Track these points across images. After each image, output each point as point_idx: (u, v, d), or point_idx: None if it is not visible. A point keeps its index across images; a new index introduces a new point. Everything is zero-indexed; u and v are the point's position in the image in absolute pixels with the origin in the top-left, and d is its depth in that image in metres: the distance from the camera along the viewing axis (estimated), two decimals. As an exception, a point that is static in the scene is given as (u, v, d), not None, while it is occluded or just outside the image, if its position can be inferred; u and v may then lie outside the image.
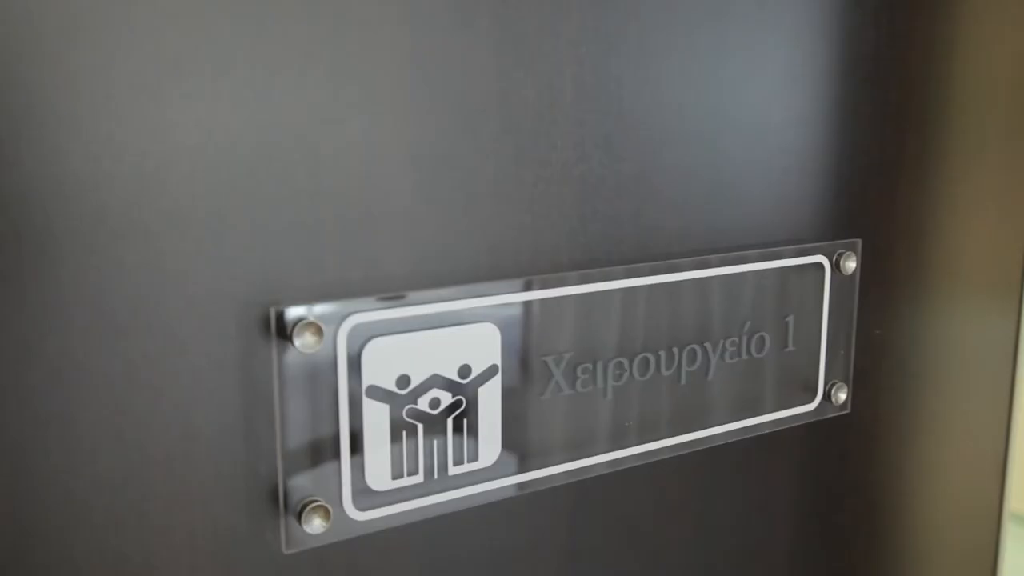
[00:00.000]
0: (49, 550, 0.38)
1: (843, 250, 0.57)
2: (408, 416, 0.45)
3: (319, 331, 0.41)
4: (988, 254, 0.63)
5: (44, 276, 0.35)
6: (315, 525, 0.42)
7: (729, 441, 0.55)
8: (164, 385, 0.39)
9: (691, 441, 0.54)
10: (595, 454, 0.51)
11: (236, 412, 0.41)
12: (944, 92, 0.58)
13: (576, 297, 0.49)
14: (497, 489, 0.48)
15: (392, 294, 0.44)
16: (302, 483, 0.42)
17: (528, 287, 0.47)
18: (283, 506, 0.42)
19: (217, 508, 0.41)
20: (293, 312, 0.41)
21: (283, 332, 0.41)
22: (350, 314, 0.42)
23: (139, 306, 0.37)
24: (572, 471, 0.50)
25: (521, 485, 0.49)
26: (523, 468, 0.49)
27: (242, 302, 0.40)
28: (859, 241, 0.57)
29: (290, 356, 0.41)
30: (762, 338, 0.55)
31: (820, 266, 0.57)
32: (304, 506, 0.42)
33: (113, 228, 0.36)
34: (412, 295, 0.44)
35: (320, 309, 0.42)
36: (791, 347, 0.57)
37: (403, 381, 0.44)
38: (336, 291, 0.43)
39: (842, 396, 0.58)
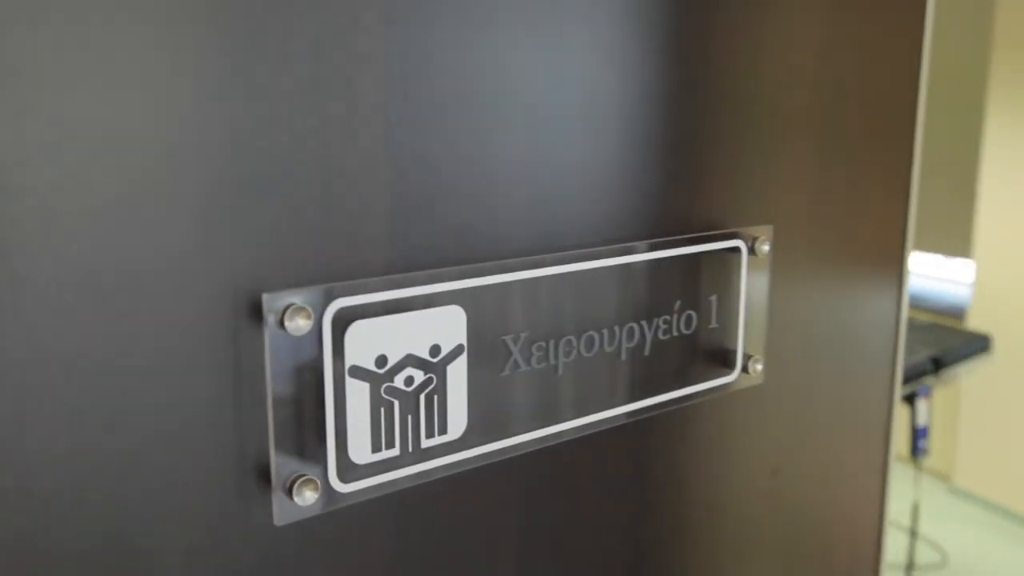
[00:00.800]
0: (49, 528, 0.38)
1: (757, 235, 0.63)
2: (385, 393, 0.48)
3: (308, 315, 0.43)
4: (874, 237, 0.72)
5: (43, 263, 0.37)
6: (305, 498, 0.44)
7: (664, 411, 0.60)
8: (160, 370, 0.40)
9: (632, 411, 0.59)
10: (548, 425, 0.55)
11: (228, 394, 0.43)
12: (835, 97, 0.66)
13: (530, 281, 0.53)
14: (465, 459, 0.51)
15: (371, 279, 0.46)
16: (292, 459, 0.44)
17: (488, 272, 0.51)
18: (275, 481, 0.44)
19: (212, 485, 0.43)
20: (284, 297, 0.43)
21: (274, 316, 0.43)
22: (335, 299, 0.45)
23: (136, 293, 0.39)
24: (529, 441, 0.54)
25: (485, 455, 0.52)
26: (486, 439, 0.52)
27: (233, 289, 0.42)
28: (771, 227, 0.63)
29: (281, 339, 0.43)
30: (690, 316, 0.61)
31: (738, 250, 0.62)
32: (294, 481, 0.44)
33: (114, 219, 0.38)
34: (389, 280, 0.47)
35: (308, 294, 0.44)
36: (715, 324, 0.62)
37: (381, 361, 0.47)
38: (320, 277, 0.45)
39: (758, 367, 0.64)
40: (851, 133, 0.67)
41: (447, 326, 0.49)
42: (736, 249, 0.62)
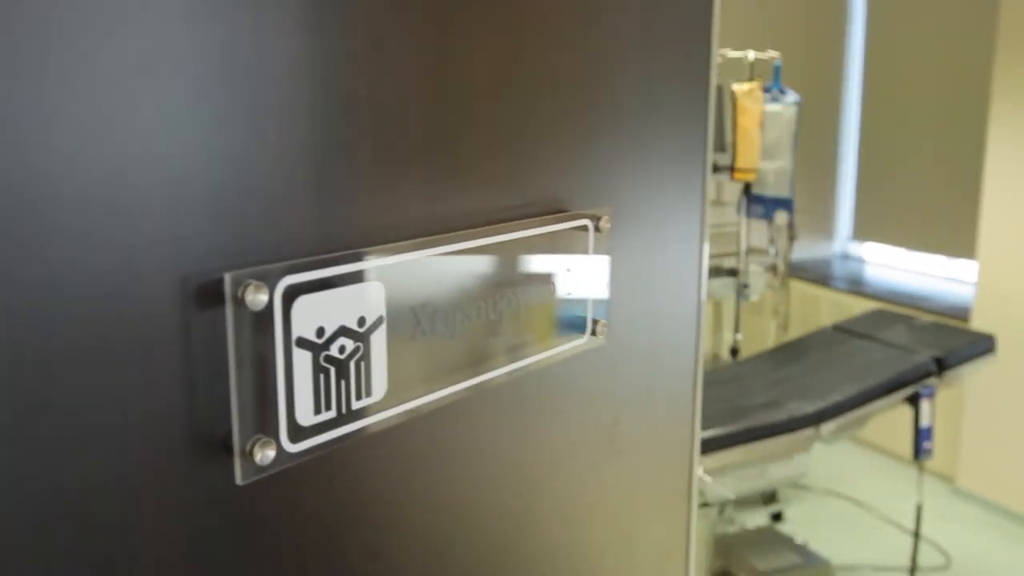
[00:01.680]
0: (24, 503, 0.43)
1: (600, 215, 0.73)
2: (324, 361, 0.53)
3: (264, 291, 0.49)
4: (680, 211, 0.84)
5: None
6: (264, 458, 0.50)
7: (536, 369, 0.70)
8: (128, 349, 0.45)
9: (511, 371, 0.68)
10: (449, 385, 0.63)
11: (187, 368, 0.47)
12: (643, 97, 0.78)
13: (431, 259, 0.60)
14: (387, 418, 0.58)
15: (313, 258, 0.52)
16: (250, 423, 0.50)
17: (401, 251, 0.58)
18: (237, 444, 0.49)
19: (179, 451, 0.48)
20: (244, 276, 0.48)
21: (236, 293, 0.48)
22: (283, 276, 0.50)
23: (103, 277, 0.44)
24: (435, 400, 0.62)
25: (403, 413, 0.59)
26: (403, 399, 0.59)
27: (195, 269, 0.47)
28: (611, 207, 0.74)
29: (241, 314, 0.49)
30: (552, 286, 0.71)
31: (586, 228, 0.72)
32: (254, 442, 0.50)
33: (85, 210, 0.43)
34: (326, 258, 0.53)
35: (262, 272, 0.49)
36: (570, 292, 0.72)
37: (320, 332, 0.53)
38: (270, 256, 0.50)
39: (603, 330, 0.75)
40: (660, 123, 0.79)
41: (370, 300, 0.56)
42: (584, 227, 0.72)
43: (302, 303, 0.52)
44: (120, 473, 0.45)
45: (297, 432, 0.52)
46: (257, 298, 0.48)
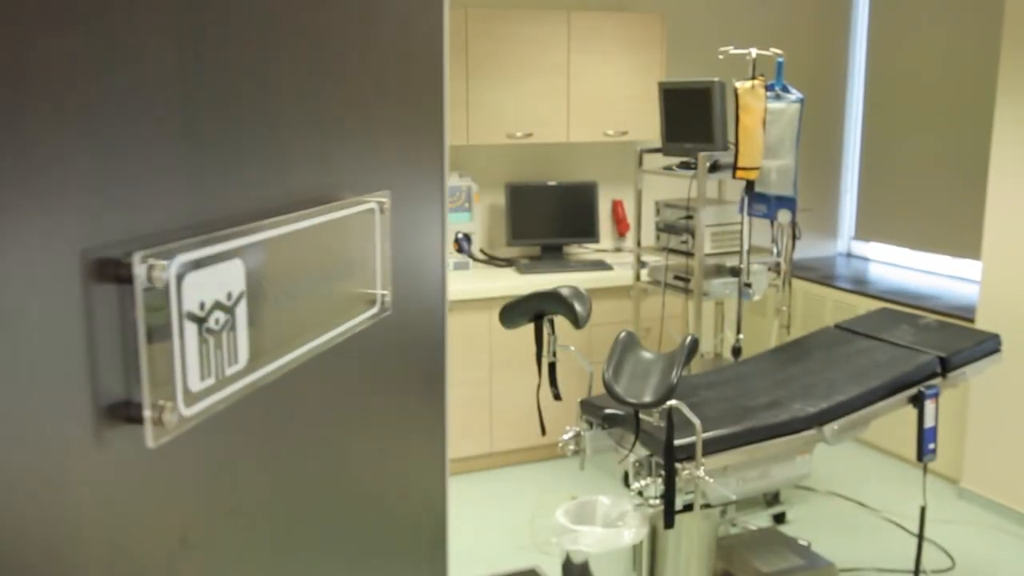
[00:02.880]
0: None
1: (383, 199, 0.86)
2: (206, 333, 0.60)
3: (166, 269, 0.54)
4: (429, 192, 1.00)
5: None
6: (169, 422, 0.56)
7: (346, 337, 0.82)
8: (40, 331, 0.47)
9: (334, 336, 0.79)
10: (294, 350, 0.73)
11: (92, 345, 0.51)
12: (406, 101, 0.92)
13: (273, 239, 0.68)
14: (251, 382, 0.66)
15: (198, 238, 0.58)
16: (157, 392, 0.55)
17: (253, 231, 0.66)
18: (148, 413, 0.54)
19: (96, 422, 0.51)
20: (150, 254, 0.53)
21: (144, 272, 0.53)
22: (176, 255, 0.56)
23: (7, 262, 0.46)
24: (285, 363, 0.71)
25: (262, 376, 0.68)
26: (260, 365, 0.68)
27: (98, 251, 0.51)
28: (389, 191, 0.89)
29: (146, 292, 0.54)
30: (352, 261, 0.80)
31: (372, 210, 0.83)
32: (161, 409, 0.55)
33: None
34: (207, 238, 0.59)
35: (164, 251, 0.55)
36: (364, 267, 0.82)
37: (202, 306, 0.59)
38: (161, 239, 0.55)
39: (388, 300, 0.88)
40: (413, 119, 0.94)
41: (234, 276, 0.63)
42: (372, 210, 0.83)
43: (190, 280, 0.58)
44: (36, 446, 0.48)
45: (190, 398, 0.59)
46: (162, 275, 0.53)
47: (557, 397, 2.49)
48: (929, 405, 2.63)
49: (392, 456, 0.97)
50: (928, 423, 2.64)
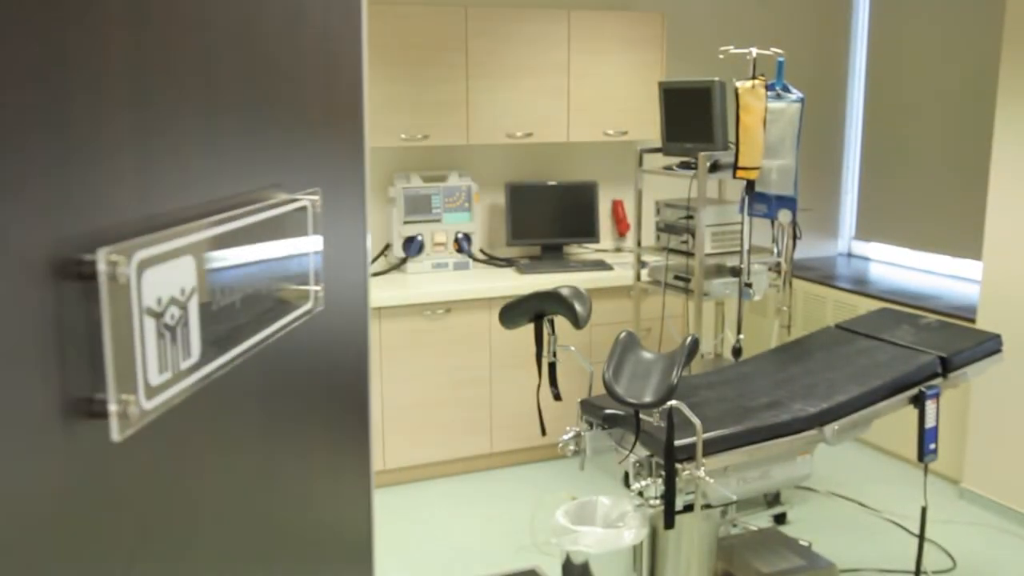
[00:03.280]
0: None
1: (314, 197, 0.91)
2: (163, 328, 0.61)
3: (128, 265, 0.55)
4: (353, 189, 1.06)
5: None
6: (132, 415, 0.57)
7: (284, 332, 0.85)
8: (1, 328, 0.48)
9: (275, 331, 0.82)
10: (238, 344, 0.74)
11: (62, 339, 0.52)
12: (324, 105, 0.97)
13: (215, 237, 0.70)
14: (203, 376, 0.68)
15: (154, 235, 0.60)
16: (121, 387, 0.57)
17: (201, 229, 0.67)
18: (113, 407, 0.55)
19: (61, 417, 0.53)
20: (114, 250, 0.55)
21: (107, 269, 0.54)
22: (136, 252, 0.57)
23: None
24: (232, 357, 0.73)
25: (213, 370, 0.70)
26: (210, 359, 0.69)
27: (65, 250, 0.52)
28: (319, 189, 0.94)
29: (112, 288, 0.55)
30: (289, 258, 0.84)
31: (305, 207, 0.88)
32: (125, 402, 0.56)
33: None
34: (163, 235, 0.61)
35: (126, 247, 0.56)
36: (300, 264, 0.86)
37: (159, 302, 0.60)
38: (117, 236, 0.57)
39: (320, 296, 0.92)
40: (339, 119, 0.99)
41: (186, 272, 0.65)
42: (304, 207, 0.88)
43: (148, 276, 0.59)
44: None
45: (150, 391, 0.60)
46: (123, 271, 0.55)
47: (557, 397, 2.49)
48: (930, 405, 2.62)
49: (317, 461, 1.01)
50: (929, 423, 2.64)
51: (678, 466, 2.25)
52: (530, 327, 2.48)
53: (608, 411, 2.48)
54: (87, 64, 0.54)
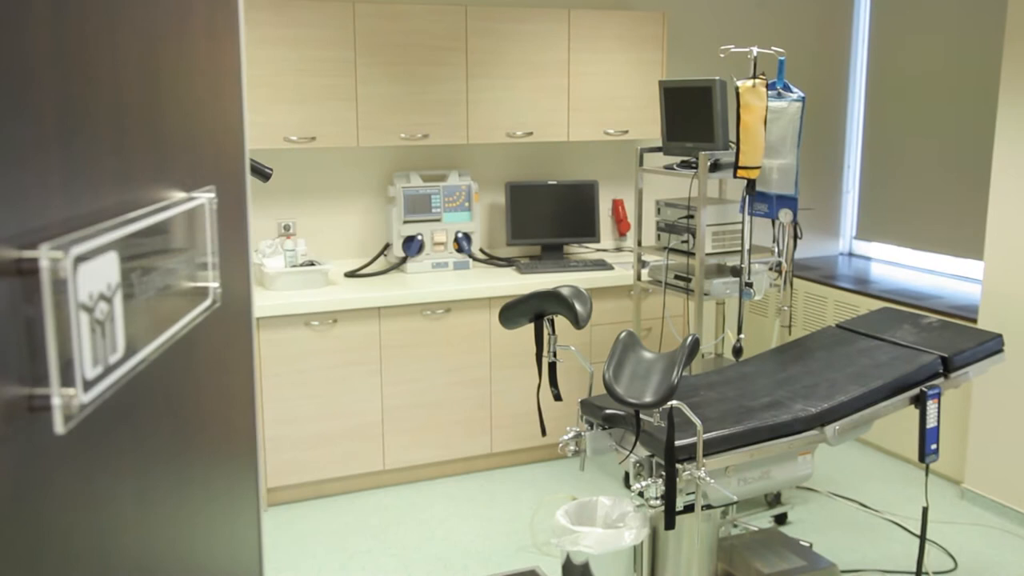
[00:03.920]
0: None
1: (212, 193, 0.94)
2: (94, 322, 0.63)
3: (68, 260, 0.57)
4: (237, 186, 1.10)
5: None
6: (73, 408, 0.59)
7: (193, 324, 0.90)
8: None
9: (188, 322, 0.86)
10: (159, 335, 0.78)
11: (2, 337, 0.53)
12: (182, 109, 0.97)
13: (133, 234, 0.72)
14: (128, 370, 0.69)
15: (84, 230, 0.61)
16: (63, 380, 0.58)
17: (122, 226, 0.69)
18: (56, 400, 0.57)
19: (7, 413, 0.54)
20: (54, 245, 0.56)
21: (47, 265, 0.55)
22: (71, 247, 0.58)
23: None
24: (154, 349, 0.76)
25: (136, 365, 0.71)
26: (132, 353, 0.71)
27: (3, 247, 0.53)
28: (215, 185, 0.98)
29: (51, 284, 0.56)
30: (193, 255, 0.87)
31: (204, 204, 0.91)
32: (69, 397, 0.58)
33: None
34: (91, 230, 0.62)
35: (64, 243, 0.57)
36: (201, 259, 0.90)
37: (91, 297, 0.62)
38: (49, 234, 0.58)
39: (218, 292, 0.96)
40: (222, 118, 1.03)
41: (111, 268, 0.66)
42: (203, 204, 0.92)
43: (82, 271, 0.61)
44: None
45: (86, 385, 0.62)
46: (61, 267, 0.57)
47: (557, 397, 2.48)
48: (931, 405, 2.62)
49: (209, 474, 1.03)
50: (930, 423, 2.63)
51: (678, 466, 2.24)
52: (530, 327, 2.47)
53: (608, 411, 2.48)
54: (11, 65, 0.56)
